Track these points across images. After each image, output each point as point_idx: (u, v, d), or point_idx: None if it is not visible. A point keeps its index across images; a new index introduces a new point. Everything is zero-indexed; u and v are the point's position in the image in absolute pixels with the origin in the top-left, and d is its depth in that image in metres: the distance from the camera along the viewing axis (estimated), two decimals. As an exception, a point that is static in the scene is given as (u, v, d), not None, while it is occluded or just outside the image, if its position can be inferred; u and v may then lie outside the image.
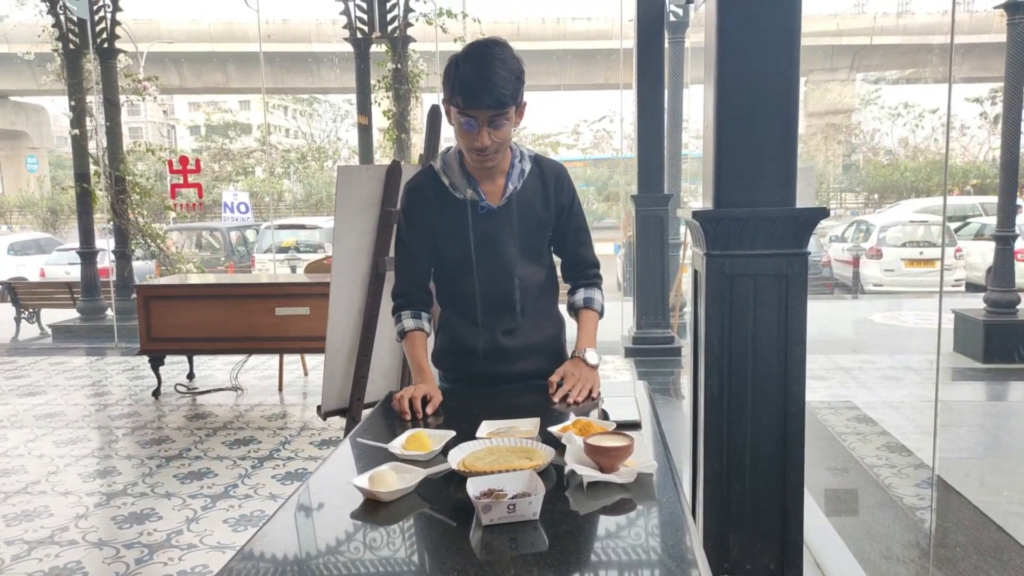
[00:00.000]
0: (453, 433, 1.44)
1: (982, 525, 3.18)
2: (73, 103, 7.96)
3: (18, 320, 8.92)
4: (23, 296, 8.99)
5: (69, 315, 8.64)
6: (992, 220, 12.28)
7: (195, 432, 4.57)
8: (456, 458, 1.31)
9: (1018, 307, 6.02)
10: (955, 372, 6.07)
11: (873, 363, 6.15)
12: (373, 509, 1.18)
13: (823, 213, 2.06)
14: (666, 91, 6.27)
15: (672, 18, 6.99)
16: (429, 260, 1.91)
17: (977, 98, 23.63)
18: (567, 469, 1.23)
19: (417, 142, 7.68)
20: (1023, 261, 8.67)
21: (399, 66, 7.45)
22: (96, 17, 7.97)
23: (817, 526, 3.20)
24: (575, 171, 23.16)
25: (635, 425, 1.51)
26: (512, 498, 1.11)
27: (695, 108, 8.33)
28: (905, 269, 11.29)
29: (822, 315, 8.82)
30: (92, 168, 8.07)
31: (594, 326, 1.96)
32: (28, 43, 9.41)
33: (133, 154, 8.49)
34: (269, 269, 11.48)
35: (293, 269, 11.62)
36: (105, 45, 8.04)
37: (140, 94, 8.45)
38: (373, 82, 7.57)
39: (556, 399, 1.75)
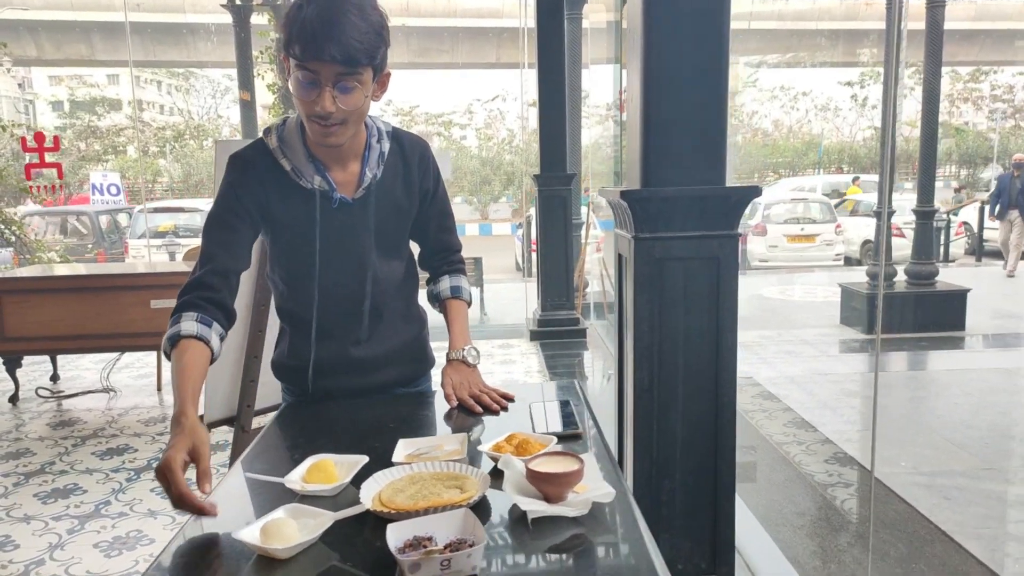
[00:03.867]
0: (365, 459, 1.21)
1: (886, 498, 3.23)
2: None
3: None
4: None
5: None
6: (867, 198, 12.99)
7: (60, 442, 4.08)
8: (370, 492, 1.08)
9: (936, 278, 6.38)
10: (843, 344, 6.30)
11: (770, 338, 6.29)
12: (267, 567, 0.94)
13: (755, 192, 1.94)
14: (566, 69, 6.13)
15: (570, -6, 6.85)
16: (246, 252, 1.50)
17: (849, 81, 24.97)
18: (508, 499, 1.02)
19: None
20: (899, 235, 9.18)
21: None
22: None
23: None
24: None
25: (576, 436, 1.33)
26: (446, 548, 0.89)
27: (595, 88, 8.26)
28: (788, 245, 11.76)
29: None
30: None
31: (465, 318, 1.73)
32: None
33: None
34: (145, 256, 10.64)
35: (172, 256, 10.83)
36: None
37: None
38: (255, 54, 7.06)
39: (451, 405, 1.54)
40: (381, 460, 1.22)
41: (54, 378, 5.28)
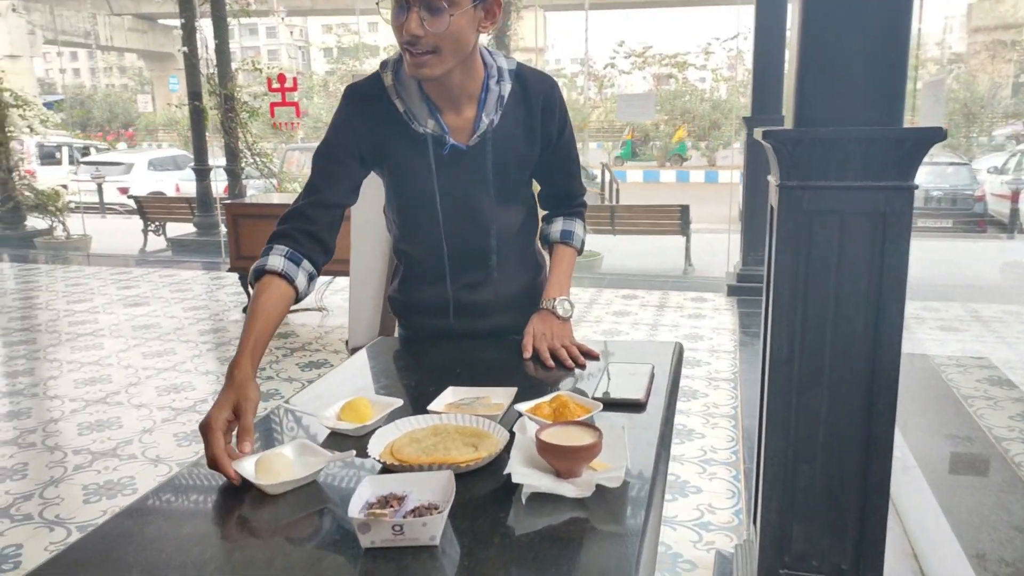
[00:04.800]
0: (399, 402, 1.16)
1: None
2: (183, 20, 8.05)
3: (145, 232, 9.43)
4: (149, 210, 9.47)
5: (188, 229, 9.02)
6: None
7: (273, 351, 4.58)
8: (383, 441, 1.03)
9: None
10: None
11: (1018, 315, 5.35)
12: (258, 502, 0.94)
13: (937, 135, 1.57)
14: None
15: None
16: (354, 191, 1.44)
17: None
18: (506, 471, 0.92)
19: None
20: None
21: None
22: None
23: (923, 507, 2.75)
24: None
25: (636, 405, 1.18)
26: (412, 512, 0.82)
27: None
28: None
29: (968, 256, 7.85)
30: (205, 87, 8.22)
31: (569, 266, 1.60)
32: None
33: (242, 72, 8.56)
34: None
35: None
36: (213, -40, 8.02)
37: (247, 13, 8.44)
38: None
39: (526, 356, 1.45)
40: (422, 405, 1.17)
41: (281, 295, 5.92)
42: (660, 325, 5.06)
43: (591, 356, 1.43)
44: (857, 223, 1.65)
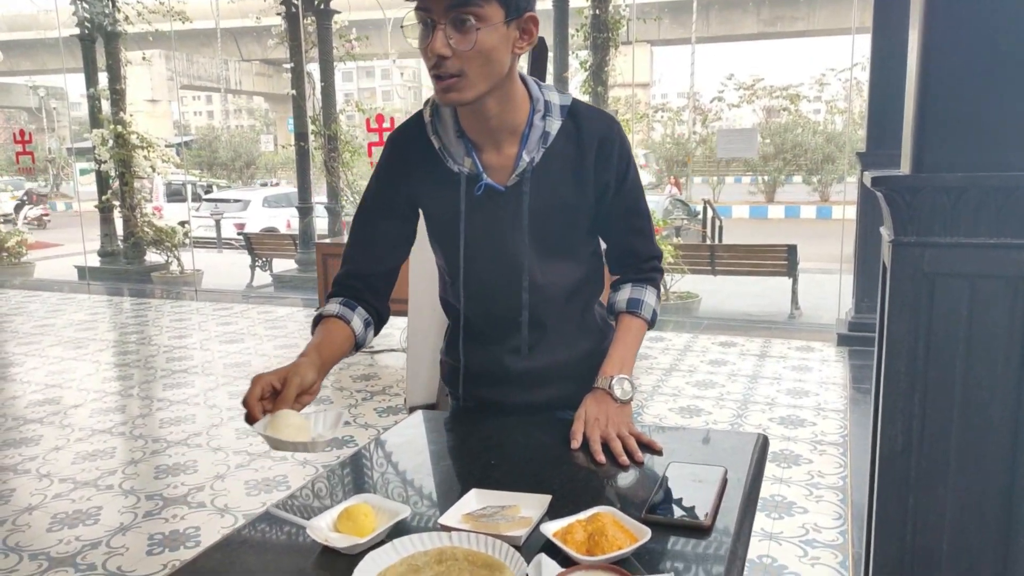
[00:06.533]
0: (407, 511, 0.97)
1: None
2: (292, 64, 8.37)
3: (252, 268, 9.79)
4: (257, 246, 9.84)
5: (292, 265, 9.28)
6: None
7: (354, 394, 4.51)
8: (375, 569, 0.84)
9: None
10: None
11: None
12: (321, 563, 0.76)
13: (1101, 182, 1.27)
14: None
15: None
16: (395, 249, 1.38)
17: None
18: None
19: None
20: None
21: (598, 12, 6.86)
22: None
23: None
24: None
25: (698, 529, 0.94)
26: None
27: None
28: None
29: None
30: (311, 127, 8.49)
31: (635, 340, 1.37)
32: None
33: (344, 113, 8.80)
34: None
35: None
36: (321, 7, 8.31)
37: (352, 56, 8.71)
38: (571, 32, 7.09)
39: (573, 446, 1.24)
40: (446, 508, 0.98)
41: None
42: (760, 377, 4.67)
43: (652, 449, 1.19)
44: (992, 288, 1.35)
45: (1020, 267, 1.32)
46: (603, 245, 1.46)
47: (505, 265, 1.32)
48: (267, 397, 1.10)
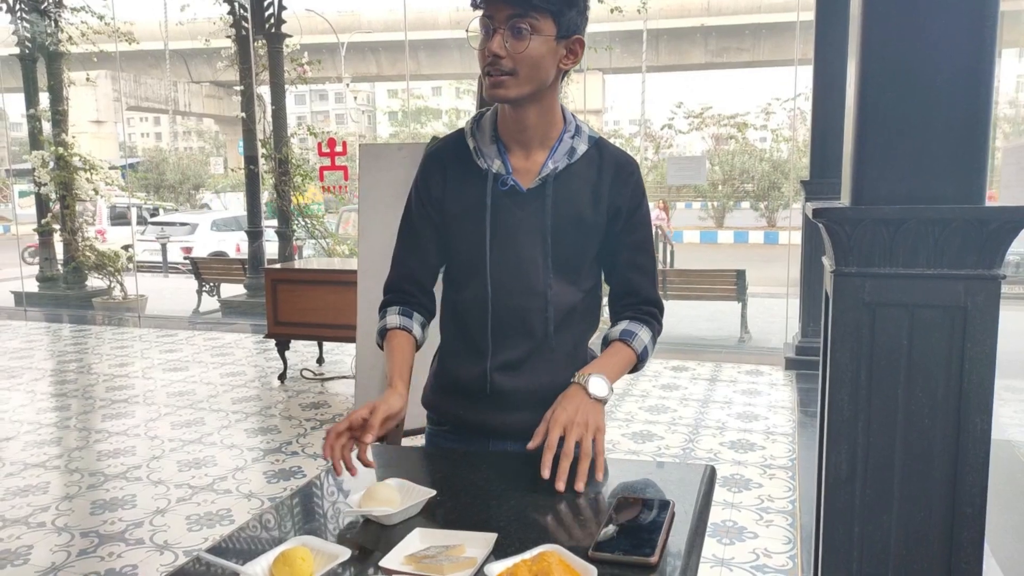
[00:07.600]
0: (347, 552, 0.93)
1: None
2: (243, 87, 8.26)
3: (199, 293, 9.55)
4: (204, 271, 9.62)
5: (241, 290, 9.09)
6: None
7: (303, 423, 4.41)
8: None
9: None
10: None
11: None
12: None
13: (1030, 215, 1.31)
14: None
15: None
16: (438, 252, 1.46)
17: None
18: None
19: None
20: None
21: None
22: (265, 3, 8.19)
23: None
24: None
25: (645, 567, 0.92)
26: None
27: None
28: None
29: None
30: (261, 151, 8.37)
31: (619, 361, 1.38)
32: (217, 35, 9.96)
33: (296, 136, 8.70)
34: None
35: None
36: (272, 31, 8.24)
37: (304, 80, 8.63)
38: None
39: (530, 445, 1.24)
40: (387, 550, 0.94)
41: (319, 361, 5.80)
42: (711, 401, 4.72)
43: (596, 475, 1.18)
44: (930, 318, 1.38)
45: (957, 297, 1.36)
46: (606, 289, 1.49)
47: (524, 265, 1.37)
48: (356, 427, 1.22)
